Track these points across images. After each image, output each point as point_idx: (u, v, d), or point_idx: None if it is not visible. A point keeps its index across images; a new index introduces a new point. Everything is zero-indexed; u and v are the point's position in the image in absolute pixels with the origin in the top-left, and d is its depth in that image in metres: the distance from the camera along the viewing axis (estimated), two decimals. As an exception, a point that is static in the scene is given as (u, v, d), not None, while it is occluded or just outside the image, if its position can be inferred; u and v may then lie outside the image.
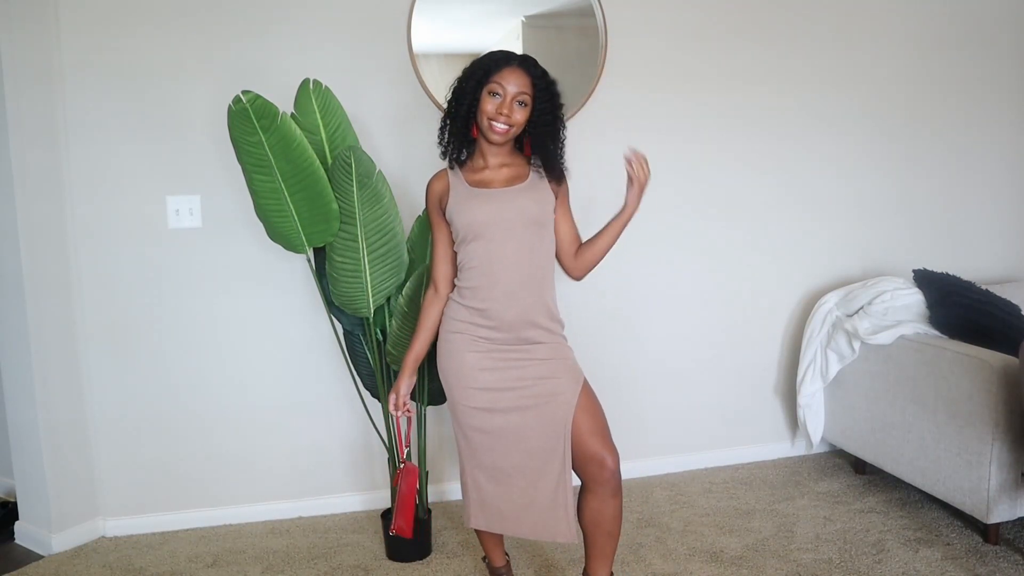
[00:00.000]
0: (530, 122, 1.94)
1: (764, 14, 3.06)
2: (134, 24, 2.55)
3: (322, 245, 2.35)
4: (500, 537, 2.19)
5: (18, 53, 2.42)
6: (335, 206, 2.27)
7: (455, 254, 2.03)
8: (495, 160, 1.99)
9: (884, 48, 3.22)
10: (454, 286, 2.04)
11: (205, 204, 2.67)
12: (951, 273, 2.91)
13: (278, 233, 2.33)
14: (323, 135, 2.36)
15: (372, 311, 2.38)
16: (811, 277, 3.26)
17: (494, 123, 1.91)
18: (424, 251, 2.47)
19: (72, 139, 2.56)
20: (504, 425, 1.97)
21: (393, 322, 2.34)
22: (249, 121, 2.16)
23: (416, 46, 2.71)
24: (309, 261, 2.42)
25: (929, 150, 3.35)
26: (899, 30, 3.24)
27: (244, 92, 2.15)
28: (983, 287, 2.85)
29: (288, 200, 2.26)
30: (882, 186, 3.30)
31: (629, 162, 1.97)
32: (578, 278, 2.11)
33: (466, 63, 1.97)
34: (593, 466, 1.95)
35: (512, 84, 1.90)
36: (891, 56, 3.24)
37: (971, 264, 3.40)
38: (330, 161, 2.34)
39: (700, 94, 3.02)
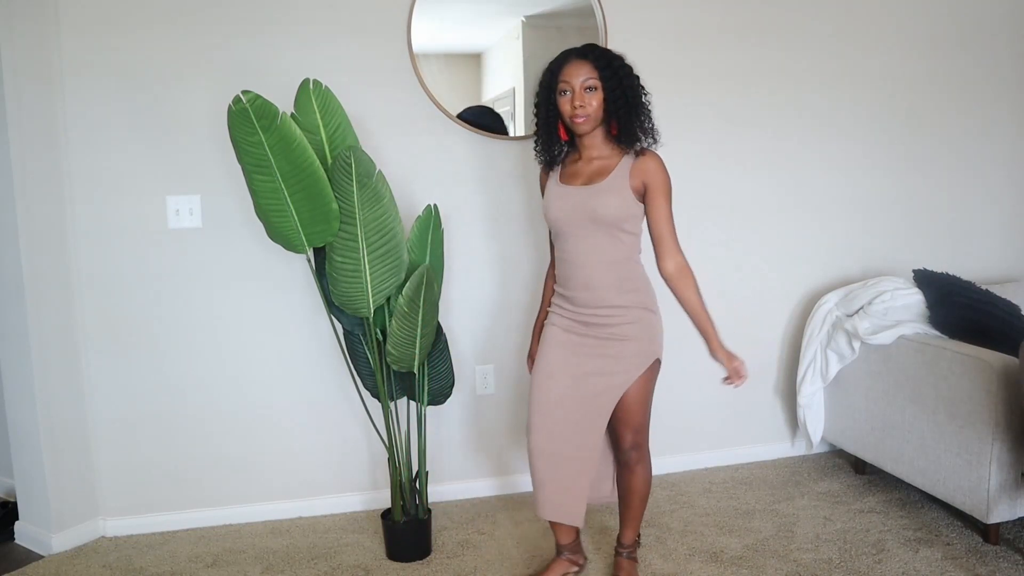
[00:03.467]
0: (607, 102, 2.02)
1: (764, 14, 3.06)
2: (134, 24, 2.55)
3: (322, 245, 2.35)
4: None
5: (18, 53, 2.42)
6: (335, 206, 2.27)
7: None
8: (589, 153, 2.11)
9: (883, 48, 3.22)
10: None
11: (205, 204, 2.67)
12: (951, 273, 2.91)
13: (278, 233, 2.33)
14: (323, 135, 2.36)
15: (372, 311, 2.38)
16: (811, 277, 3.26)
17: (575, 118, 2.02)
18: (424, 251, 2.47)
19: (72, 139, 2.56)
20: (557, 408, 2.12)
21: (393, 322, 2.34)
22: (249, 121, 2.16)
23: (416, 46, 2.71)
24: (309, 261, 2.42)
25: (929, 150, 3.35)
26: (899, 30, 3.24)
27: (244, 92, 2.15)
28: (983, 287, 2.85)
29: (288, 200, 2.26)
30: (882, 186, 3.30)
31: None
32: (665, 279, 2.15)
33: (466, 63, 1.99)
34: (615, 442, 2.19)
35: (576, 76, 2.01)
36: (890, 56, 3.24)
37: (971, 264, 3.40)
38: (330, 161, 2.34)
39: (700, 94, 3.02)
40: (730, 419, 3.23)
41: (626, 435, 2.16)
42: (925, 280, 2.86)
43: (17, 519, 2.71)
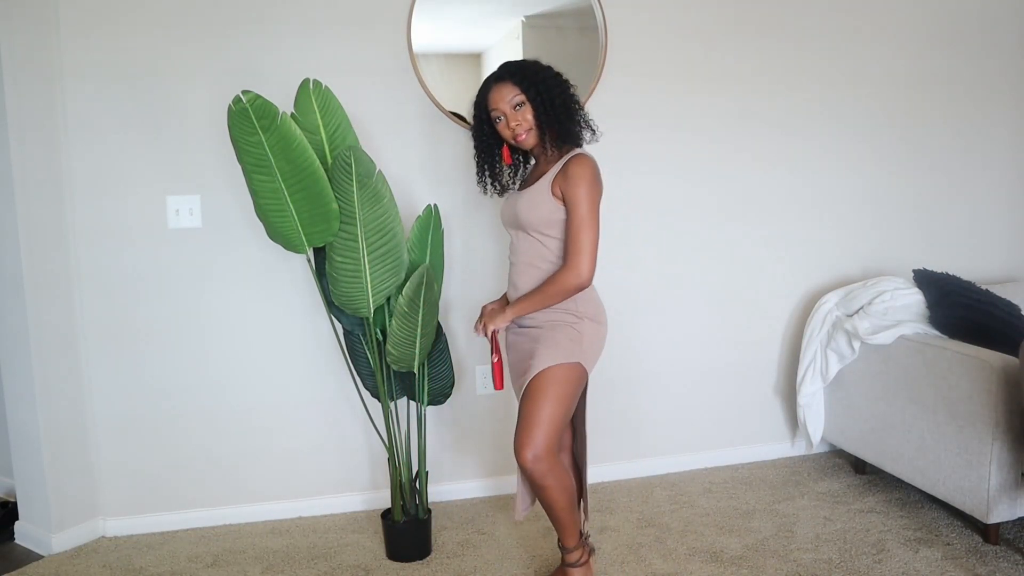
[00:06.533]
0: (536, 112, 2.05)
1: (766, 13, 3.05)
2: (134, 24, 2.55)
3: (322, 245, 2.35)
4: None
5: (18, 53, 2.42)
6: (335, 206, 2.27)
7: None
8: (538, 160, 2.17)
9: (885, 47, 3.22)
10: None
11: (205, 204, 2.67)
12: (951, 273, 2.91)
13: (278, 233, 2.33)
14: (323, 135, 2.36)
15: (372, 311, 2.38)
16: (811, 277, 3.26)
17: (517, 137, 2.07)
18: (424, 251, 2.47)
19: (72, 139, 2.56)
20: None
21: (393, 322, 2.34)
22: (249, 121, 2.16)
23: (416, 46, 2.71)
24: (309, 261, 2.42)
25: (929, 150, 3.35)
26: (901, 30, 3.23)
27: (244, 92, 2.15)
28: (983, 287, 2.85)
29: (288, 200, 2.26)
30: (882, 186, 3.30)
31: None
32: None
33: (466, 63, 2.00)
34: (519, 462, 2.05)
35: (502, 100, 2.05)
36: (893, 55, 3.23)
37: (971, 264, 3.40)
38: (330, 161, 2.34)
39: (700, 93, 3.02)
40: (730, 419, 3.23)
41: (524, 449, 2.00)
42: (925, 280, 2.86)
43: (17, 519, 2.71)
